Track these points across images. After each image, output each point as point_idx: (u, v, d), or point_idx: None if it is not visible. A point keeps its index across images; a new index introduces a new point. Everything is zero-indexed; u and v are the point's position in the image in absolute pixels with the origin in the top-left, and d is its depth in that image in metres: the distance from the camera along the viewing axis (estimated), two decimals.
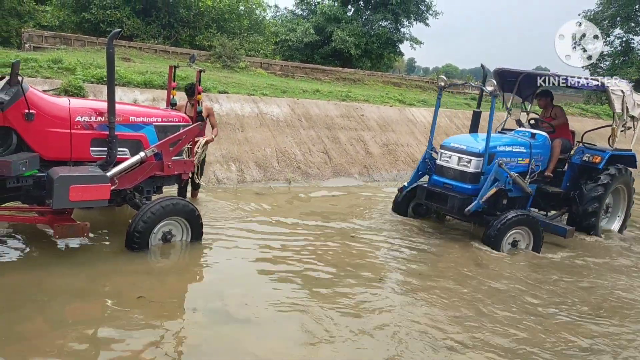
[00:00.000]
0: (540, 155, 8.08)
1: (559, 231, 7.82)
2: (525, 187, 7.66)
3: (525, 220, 7.26)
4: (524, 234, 7.34)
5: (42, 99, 5.37)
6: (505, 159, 7.44)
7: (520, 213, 7.25)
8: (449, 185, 7.60)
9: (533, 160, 7.87)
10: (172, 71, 6.80)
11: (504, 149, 7.60)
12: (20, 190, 5.35)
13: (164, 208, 5.73)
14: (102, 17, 21.34)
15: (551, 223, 8.00)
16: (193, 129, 6.37)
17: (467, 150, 7.47)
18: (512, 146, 7.74)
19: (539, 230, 7.35)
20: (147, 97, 10.93)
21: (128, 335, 4.22)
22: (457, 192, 7.44)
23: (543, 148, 8.16)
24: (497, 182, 7.28)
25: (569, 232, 7.76)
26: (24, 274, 5.03)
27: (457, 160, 7.53)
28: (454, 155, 7.57)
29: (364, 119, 14.32)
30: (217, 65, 19.26)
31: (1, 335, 3.99)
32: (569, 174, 8.58)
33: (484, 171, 7.33)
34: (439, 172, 7.83)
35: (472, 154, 7.41)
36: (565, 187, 8.56)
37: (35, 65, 10.94)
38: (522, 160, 7.80)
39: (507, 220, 7.09)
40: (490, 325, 5.07)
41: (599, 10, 31.72)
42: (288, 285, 5.59)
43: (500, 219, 7.12)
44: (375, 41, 28.75)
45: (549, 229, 7.83)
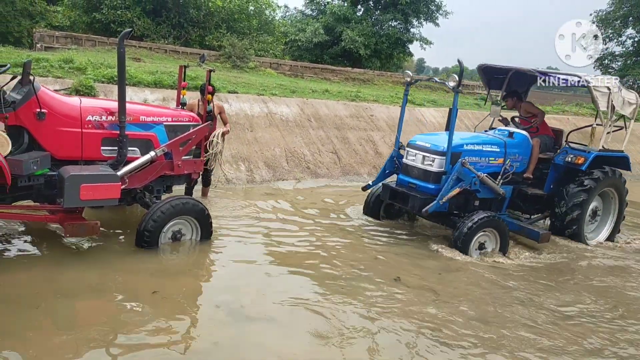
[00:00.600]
0: (518, 155, 7.71)
1: (533, 235, 7.48)
2: (495, 189, 7.28)
3: (492, 222, 6.93)
4: (491, 237, 7.05)
5: (53, 98, 5.41)
6: (473, 159, 7.16)
7: (487, 215, 6.91)
8: (413, 184, 7.32)
9: (509, 160, 7.49)
10: (182, 71, 6.83)
11: (472, 147, 7.26)
12: (32, 189, 5.39)
13: (174, 207, 5.75)
14: (113, 17, 21.46)
15: (525, 226, 7.67)
16: (203, 128, 6.38)
17: (431, 149, 7.16)
18: (483, 145, 7.39)
19: (506, 232, 7.08)
20: (157, 96, 10.97)
21: (145, 331, 4.25)
22: (420, 192, 7.16)
23: (521, 148, 7.78)
24: (462, 183, 6.96)
25: (542, 236, 7.37)
26: (36, 272, 5.06)
27: (421, 158, 7.23)
28: (419, 154, 7.27)
29: (373, 119, 14.29)
30: (227, 65, 19.31)
31: (15, 332, 4.02)
32: (552, 175, 8.14)
33: (447, 170, 7.01)
34: (404, 171, 7.57)
35: (436, 153, 7.09)
36: (548, 189, 8.12)
37: (46, 65, 11.02)
38: (495, 160, 7.45)
39: (474, 222, 6.79)
40: (503, 326, 5.05)
41: (610, 10, 31.43)
42: (301, 282, 5.63)
43: (466, 221, 6.84)
44: (384, 41, 28.67)
45: (523, 233, 7.60)
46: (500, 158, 7.49)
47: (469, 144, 7.29)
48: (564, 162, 7.95)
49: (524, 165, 7.82)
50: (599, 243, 8.24)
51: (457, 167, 6.92)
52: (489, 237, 7.03)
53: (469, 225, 6.77)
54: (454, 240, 6.91)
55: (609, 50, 32.25)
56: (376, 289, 5.65)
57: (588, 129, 9.28)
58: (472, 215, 6.90)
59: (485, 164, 7.33)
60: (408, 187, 7.37)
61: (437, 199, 6.84)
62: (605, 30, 31.54)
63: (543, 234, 7.38)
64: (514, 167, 7.54)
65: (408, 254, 6.83)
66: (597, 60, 32.18)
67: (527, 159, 7.84)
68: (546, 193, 8.07)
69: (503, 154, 7.50)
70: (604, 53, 32.20)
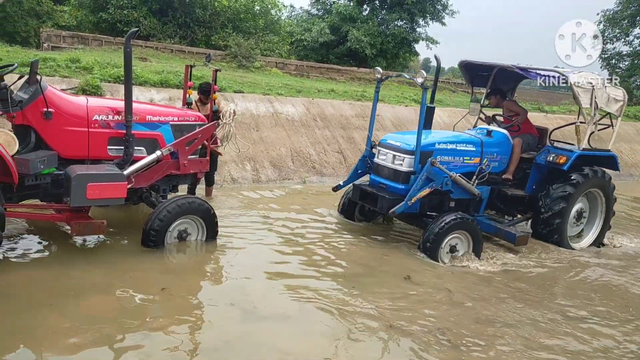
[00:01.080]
0: (497, 154, 7.44)
1: (509, 237, 7.14)
2: (470, 189, 7.00)
3: (463, 224, 6.64)
4: (463, 239, 6.76)
5: (60, 97, 5.43)
6: (446, 158, 6.92)
7: (458, 216, 6.63)
8: (384, 185, 7.06)
9: (486, 160, 7.20)
10: (189, 71, 6.84)
11: (444, 146, 6.99)
12: (39, 188, 5.42)
13: (180, 207, 5.77)
14: (120, 17, 21.51)
15: (502, 228, 7.33)
16: (208, 128, 6.39)
17: (401, 148, 6.88)
18: (457, 144, 7.12)
19: (478, 234, 6.81)
20: (164, 96, 11.00)
21: (154, 328, 4.29)
22: (390, 192, 6.89)
23: (500, 147, 7.50)
24: (432, 183, 6.69)
25: (518, 238, 7.02)
26: (44, 271, 5.08)
27: (391, 158, 6.95)
28: (389, 153, 6.99)
29: (379, 118, 14.26)
30: (233, 65, 19.32)
31: (28, 330, 4.04)
32: (534, 175, 7.80)
33: (416, 170, 6.74)
34: (375, 171, 7.30)
35: (405, 152, 6.81)
36: (530, 190, 7.79)
37: (53, 65, 11.06)
38: (471, 159, 7.17)
39: (444, 224, 6.50)
40: (515, 326, 5.04)
41: (618, 10, 31.23)
42: (308, 281, 5.65)
43: (435, 223, 6.56)
44: (390, 41, 28.61)
45: (501, 235, 7.31)
46: (477, 157, 7.22)
47: (442, 142, 7.03)
48: (546, 161, 7.61)
49: (503, 165, 7.57)
50: (585, 247, 7.97)
51: (426, 166, 6.64)
52: (461, 239, 6.74)
53: (438, 227, 6.49)
54: (423, 243, 6.63)
55: (616, 49, 32.07)
56: (385, 287, 5.66)
57: (574, 128, 8.69)
58: (443, 216, 6.62)
59: (459, 164, 7.08)
60: (378, 188, 7.11)
61: (405, 200, 6.57)
62: (613, 30, 31.39)
63: (520, 236, 7.04)
64: (492, 167, 7.27)
65: (416, 254, 6.78)
66: (604, 60, 32.03)
67: (507, 158, 7.58)
68: (528, 194, 7.79)
69: (479, 153, 7.23)
70: (611, 53, 32.04)
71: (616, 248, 8.29)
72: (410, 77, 7.25)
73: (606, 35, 31.55)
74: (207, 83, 7.77)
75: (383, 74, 7.60)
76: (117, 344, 4.02)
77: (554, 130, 8.28)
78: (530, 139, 7.94)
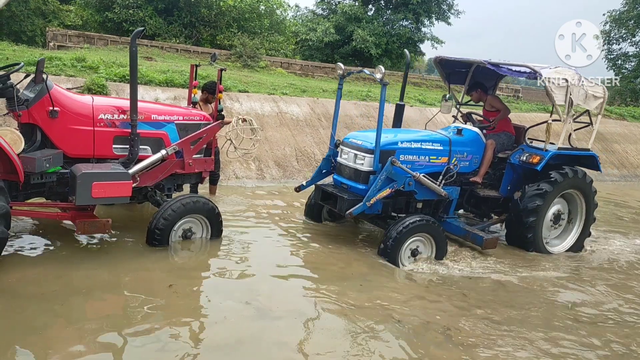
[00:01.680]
0: (467, 153, 7.10)
1: (477, 240, 6.77)
2: (436, 190, 6.67)
3: (425, 226, 6.34)
4: (426, 242, 6.47)
5: (66, 96, 5.45)
6: (410, 157, 6.61)
7: (420, 218, 6.34)
8: (345, 185, 6.78)
9: (455, 159, 6.91)
10: (194, 70, 6.85)
11: (408, 145, 6.66)
12: (44, 187, 5.44)
13: (185, 206, 5.77)
14: (125, 16, 21.61)
15: (470, 231, 6.91)
16: (213, 127, 6.40)
17: (362, 147, 6.57)
18: (422, 142, 6.78)
19: (442, 237, 6.51)
20: (169, 95, 11.02)
21: (162, 325, 4.30)
22: (351, 192, 6.63)
23: (471, 146, 7.16)
24: (393, 183, 6.37)
25: (486, 242, 6.67)
26: (50, 269, 5.08)
27: (353, 157, 6.65)
28: (351, 152, 6.69)
29: (384, 119, 14.24)
30: (238, 64, 19.36)
31: (38, 328, 4.05)
32: (508, 176, 7.44)
33: (376, 170, 6.43)
34: (338, 170, 7.00)
35: (366, 151, 6.50)
36: (504, 191, 7.44)
37: (59, 64, 11.10)
38: (437, 158, 6.83)
39: (405, 226, 6.21)
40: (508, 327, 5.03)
41: (624, 10, 31.13)
42: (314, 278, 5.66)
43: (396, 225, 6.26)
44: (395, 41, 28.62)
45: (469, 238, 6.92)
46: (444, 157, 6.89)
47: (405, 141, 6.69)
48: (519, 161, 7.26)
49: (475, 165, 7.25)
50: (563, 252, 7.62)
51: (386, 166, 6.31)
52: (424, 242, 6.46)
53: (398, 229, 6.20)
54: (382, 246, 6.33)
55: (622, 50, 31.95)
56: (395, 285, 5.69)
57: (535, 125, 8.36)
58: (404, 218, 6.36)
59: (425, 163, 6.76)
60: (340, 188, 6.84)
61: (363, 201, 6.27)
62: (619, 31, 31.28)
63: (487, 239, 6.69)
64: (462, 166, 6.99)
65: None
66: (610, 60, 31.92)
67: (478, 158, 7.24)
68: (503, 195, 7.45)
69: (447, 153, 6.91)
70: (617, 53, 31.94)
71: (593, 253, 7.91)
72: (370, 72, 6.80)
73: (612, 35, 31.47)
74: (212, 82, 7.79)
75: (345, 70, 7.15)
76: (124, 342, 4.02)
77: (529, 128, 7.99)
78: (505, 138, 7.62)
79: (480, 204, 7.59)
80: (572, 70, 7.31)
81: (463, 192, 7.24)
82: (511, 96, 23.88)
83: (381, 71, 6.29)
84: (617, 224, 10.00)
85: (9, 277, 4.80)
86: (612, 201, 12.19)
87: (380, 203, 6.47)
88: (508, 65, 7.07)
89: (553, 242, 7.68)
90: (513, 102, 20.83)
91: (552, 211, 7.40)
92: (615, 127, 18.98)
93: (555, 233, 7.68)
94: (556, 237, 7.72)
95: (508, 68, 7.05)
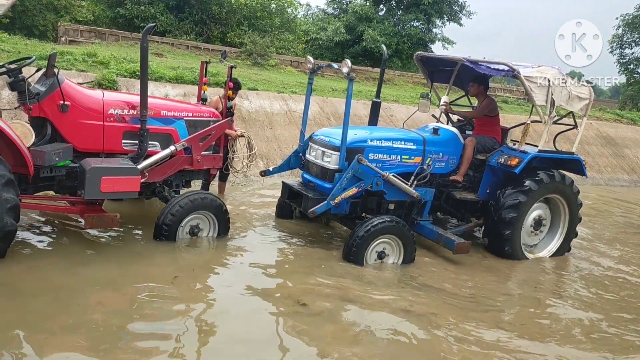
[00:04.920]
0: (443, 154, 6.82)
1: (449, 245, 6.44)
2: (407, 191, 6.41)
3: (392, 228, 6.07)
4: (393, 245, 6.21)
5: (76, 91, 5.47)
6: (380, 156, 6.36)
7: (387, 219, 6.07)
8: (313, 183, 6.55)
9: (429, 160, 6.65)
10: (204, 67, 6.85)
11: (378, 143, 6.39)
12: (53, 180, 5.47)
13: (193, 202, 5.78)
14: (136, 12, 21.70)
15: (443, 235, 6.59)
16: (223, 124, 6.40)
17: (330, 144, 6.34)
18: (394, 141, 6.52)
19: (410, 240, 6.22)
20: (178, 92, 11.05)
21: (171, 320, 4.32)
22: (318, 191, 6.38)
23: (447, 146, 6.89)
24: (360, 182, 6.14)
25: (457, 246, 6.33)
26: (55, 263, 5.10)
27: (321, 154, 6.42)
28: (319, 149, 6.46)
29: (392, 119, 14.22)
30: (248, 62, 19.38)
31: (45, 325, 4.06)
32: (487, 178, 7.10)
33: (342, 168, 6.16)
34: (306, 168, 6.79)
35: (334, 148, 6.25)
36: (483, 194, 7.11)
37: (70, 59, 11.16)
38: (410, 158, 6.57)
39: (371, 227, 5.95)
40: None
41: (637, 14, 30.88)
42: (324, 274, 5.65)
43: (362, 226, 6.00)
44: (406, 41, 28.54)
45: (441, 242, 6.58)
46: (418, 157, 6.62)
47: (375, 139, 6.43)
48: (498, 163, 6.92)
49: (451, 166, 6.96)
50: (548, 256, 7.32)
51: (352, 164, 6.06)
52: (391, 245, 6.20)
53: (365, 228, 5.95)
54: (347, 247, 6.07)
55: (634, 54, 31.70)
56: (405, 285, 5.71)
57: (514, 127, 8.12)
58: (370, 219, 6.08)
59: (397, 163, 6.50)
60: (307, 187, 6.63)
61: (327, 199, 6.00)
62: (632, 35, 31.05)
63: (458, 244, 6.34)
64: (437, 167, 6.77)
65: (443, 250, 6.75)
66: (623, 64, 31.69)
67: (456, 159, 6.96)
68: (481, 199, 7.13)
69: (421, 152, 6.64)
70: (629, 57, 31.69)
71: None
72: (338, 66, 6.46)
73: (625, 39, 31.25)
74: (236, 79, 7.53)
75: (315, 64, 6.84)
76: (134, 339, 4.03)
77: (510, 129, 7.78)
78: (487, 139, 7.29)
79: (460, 207, 7.30)
80: (555, 69, 7.04)
81: (440, 193, 7.04)
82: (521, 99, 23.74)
83: (347, 65, 5.98)
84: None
85: (16, 269, 4.81)
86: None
87: (348, 203, 6.28)
88: (487, 63, 6.80)
89: (535, 247, 7.38)
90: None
91: (533, 217, 7.09)
92: (627, 132, 18.86)
93: (536, 239, 7.37)
94: (539, 242, 7.41)
95: (487, 66, 6.76)
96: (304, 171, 6.88)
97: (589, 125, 17.80)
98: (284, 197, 7.01)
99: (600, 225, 9.96)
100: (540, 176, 6.84)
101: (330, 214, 6.37)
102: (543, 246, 7.42)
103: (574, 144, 7.40)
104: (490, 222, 6.94)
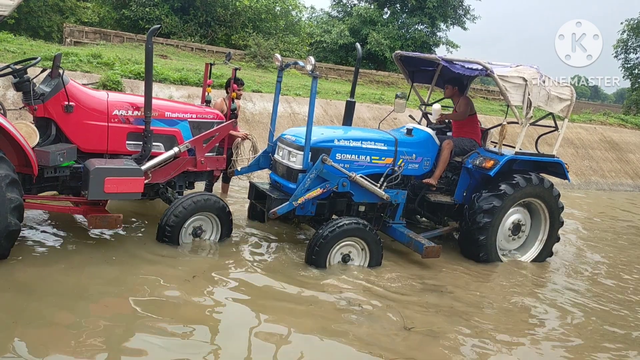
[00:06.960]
0: (416, 155, 6.64)
1: (418, 248, 6.24)
2: (376, 192, 6.24)
3: (357, 230, 5.88)
4: (359, 247, 6.03)
5: (81, 92, 5.50)
6: (348, 156, 6.20)
7: (355, 221, 5.88)
8: (279, 183, 6.40)
9: (401, 161, 6.48)
10: (208, 69, 6.87)
11: (346, 143, 6.23)
12: (57, 181, 5.50)
13: (196, 203, 5.78)
14: (141, 14, 21.75)
15: (413, 238, 6.37)
16: (226, 126, 6.41)
17: (296, 143, 6.19)
18: (363, 142, 6.35)
19: (375, 243, 6.02)
20: (183, 93, 11.07)
21: (178, 320, 4.32)
22: (282, 192, 6.26)
23: (421, 148, 6.71)
24: (326, 183, 5.98)
25: (426, 250, 6.13)
26: (58, 263, 5.11)
27: (287, 154, 6.28)
28: (286, 149, 6.33)
29: (396, 122, 14.21)
30: (252, 64, 19.41)
31: (49, 324, 4.07)
32: (463, 181, 6.92)
33: (306, 168, 6.03)
34: (273, 168, 6.65)
35: (300, 148, 6.10)
36: (459, 197, 6.92)
37: (75, 60, 11.19)
38: (381, 159, 6.40)
39: (336, 227, 5.76)
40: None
41: None
42: (330, 275, 5.68)
43: (325, 228, 5.79)
44: (410, 44, 28.51)
45: (411, 245, 6.39)
46: (389, 157, 6.45)
47: (343, 139, 6.27)
48: (473, 165, 6.73)
49: (425, 168, 6.79)
50: (528, 261, 7.13)
51: (316, 164, 5.89)
52: (356, 248, 6.03)
53: (329, 229, 5.76)
54: (309, 250, 5.88)
55: (639, 59, 31.57)
56: (413, 284, 5.78)
57: (491, 128, 8.00)
58: (334, 220, 5.91)
59: (366, 163, 6.34)
60: (273, 187, 6.51)
61: (290, 200, 5.87)
62: (637, 39, 30.94)
63: (427, 248, 6.14)
64: (409, 168, 6.61)
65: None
66: (627, 69, 31.58)
67: (430, 160, 6.80)
68: (457, 202, 6.95)
69: (392, 153, 6.47)
70: (634, 62, 31.58)
71: None
72: (303, 64, 6.16)
73: (629, 44, 31.14)
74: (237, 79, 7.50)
75: (283, 62, 6.68)
76: (130, 338, 4.04)
77: (487, 130, 7.65)
78: (466, 140, 7.11)
79: (436, 210, 7.15)
80: (533, 69, 6.81)
81: (415, 196, 6.91)
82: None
83: (311, 62, 5.79)
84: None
85: (18, 270, 4.82)
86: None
87: (314, 204, 6.15)
88: (462, 62, 6.62)
89: (515, 253, 7.24)
90: None
91: (511, 221, 6.90)
92: (631, 137, 18.81)
93: (516, 244, 7.17)
94: (519, 247, 7.23)
95: (461, 65, 6.57)
96: (272, 171, 6.76)
97: (593, 130, 17.77)
98: (250, 197, 6.82)
99: (589, 231, 9.87)
100: (517, 180, 6.62)
101: (295, 215, 6.22)
102: (523, 251, 7.24)
103: (554, 147, 7.19)
104: (465, 227, 6.75)
